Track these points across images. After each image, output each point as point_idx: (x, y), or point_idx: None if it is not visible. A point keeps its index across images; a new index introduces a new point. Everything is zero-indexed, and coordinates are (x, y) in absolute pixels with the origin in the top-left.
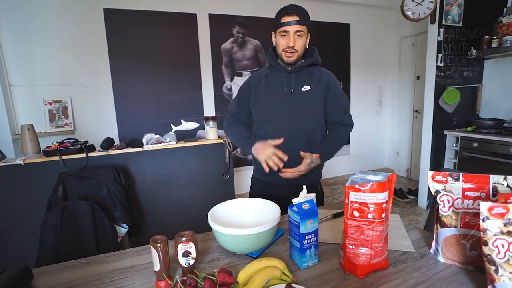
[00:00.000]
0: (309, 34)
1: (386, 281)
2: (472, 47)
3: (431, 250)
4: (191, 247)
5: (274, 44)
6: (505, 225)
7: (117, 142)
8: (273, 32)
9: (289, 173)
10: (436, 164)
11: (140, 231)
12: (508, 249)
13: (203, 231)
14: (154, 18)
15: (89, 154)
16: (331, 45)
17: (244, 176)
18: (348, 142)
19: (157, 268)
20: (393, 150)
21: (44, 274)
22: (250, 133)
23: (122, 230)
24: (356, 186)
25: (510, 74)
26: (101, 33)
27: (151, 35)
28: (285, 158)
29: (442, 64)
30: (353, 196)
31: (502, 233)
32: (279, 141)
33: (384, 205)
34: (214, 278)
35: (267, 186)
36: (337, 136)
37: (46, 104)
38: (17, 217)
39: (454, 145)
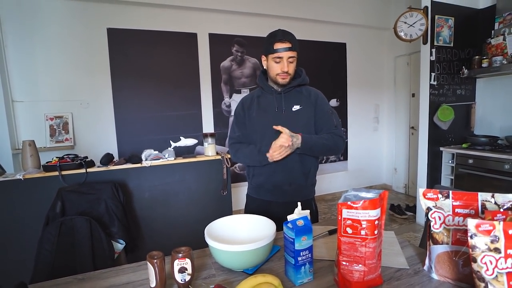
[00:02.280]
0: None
1: None
2: (463, 67)
3: (425, 267)
4: (187, 263)
5: (265, 67)
6: (491, 242)
7: (116, 157)
8: (263, 56)
9: (275, 152)
10: (433, 180)
11: (137, 247)
12: (496, 266)
13: (200, 247)
14: (156, 38)
15: (89, 170)
16: (328, 64)
17: (242, 192)
18: (346, 158)
19: (153, 284)
20: (390, 166)
21: None
22: (257, 148)
23: (119, 246)
24: (349, 203)
25: (500, 92)
26: (103, 51)
27: (152, 53)
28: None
29: (435, 83)
30: (345, 213)
31: (489, 249)
32: (278, 127)
33: (376, 222)
34: None
35: (262, 203)
36: (327, 137)
37: (47, 120)
38: (15, 232)
39: (450, 162)
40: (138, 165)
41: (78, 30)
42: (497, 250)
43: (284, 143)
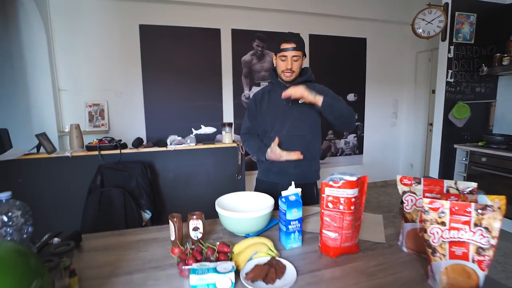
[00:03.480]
0: (304, 57)
1: (352, 261)
2: (483, 64)
3: (399, 242)
4: (200, 224)
5: (275, 65)
6: (439, 216)
7: (145, 141)
8: (274, 55)
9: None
10: (445, 177)
11: (161, 220)
12: (441, 236)
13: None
14: (182, 33)
15: (122, 151)
16: (347, 59)
17: None
18: (361, 152)
19: (172, 237)
20: (407, 162)
21: (88, 239)
22: (261, 142)
23: (146, 215)
24: (330, 183)
25: None
26: (136, 45)
27: (179, 47)
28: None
29: (452, 80)
30: (328, 191)
31: (437, 222)
32: (276, 141)
33: (353, 199)
34: (215, 248)
35: (269, 185)
36: (340, 101)
37: (86, 107)
38: (63, 199)
39: (464, 159)
40: (164, 148)
41: (114, 26)
42: (443, 223)
43: (298, 89)
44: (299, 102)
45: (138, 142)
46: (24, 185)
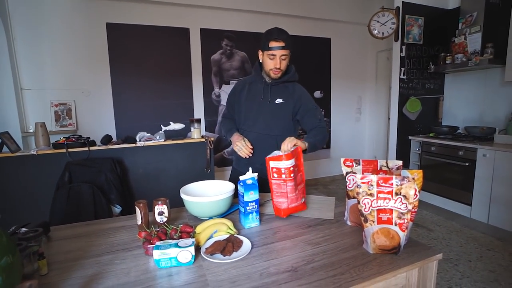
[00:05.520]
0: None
1: (302, 235)
2: (431, 63)
3: (344, 218)
4: (165, 208)
5: (260, 61)
6: (368, 189)
7: (115, 139)
8: (260, 50)
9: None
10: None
11: (131, 214)
12: (371, 205)
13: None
14: (151, 32)
15: (91, 148)
16: (313, 58)
17: (229, 175)
18: (328, 146)
19: (139, 222)
20: (371, 154)
21: (57, 229)
22: (233, 127)
23: (117, 210)
24: (273, 156)
25: (464, 87)
26: (103, 44)
27: (148, 46)
28: (251, 150)
29: (404, 77)
30: (272, 164)
31: (367, 194)
32: (248, 144)
33: (291, 168)
34: (178, 228)
35: (240, 174)
36: (317, 132)
37: (52, 106)
38: (29, 197)
39: (417, 149)
40: (133, 145)
41: (80, 24)
42: (372, 195)
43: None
44: (276, 101)
45: (106, 139)
46: None
